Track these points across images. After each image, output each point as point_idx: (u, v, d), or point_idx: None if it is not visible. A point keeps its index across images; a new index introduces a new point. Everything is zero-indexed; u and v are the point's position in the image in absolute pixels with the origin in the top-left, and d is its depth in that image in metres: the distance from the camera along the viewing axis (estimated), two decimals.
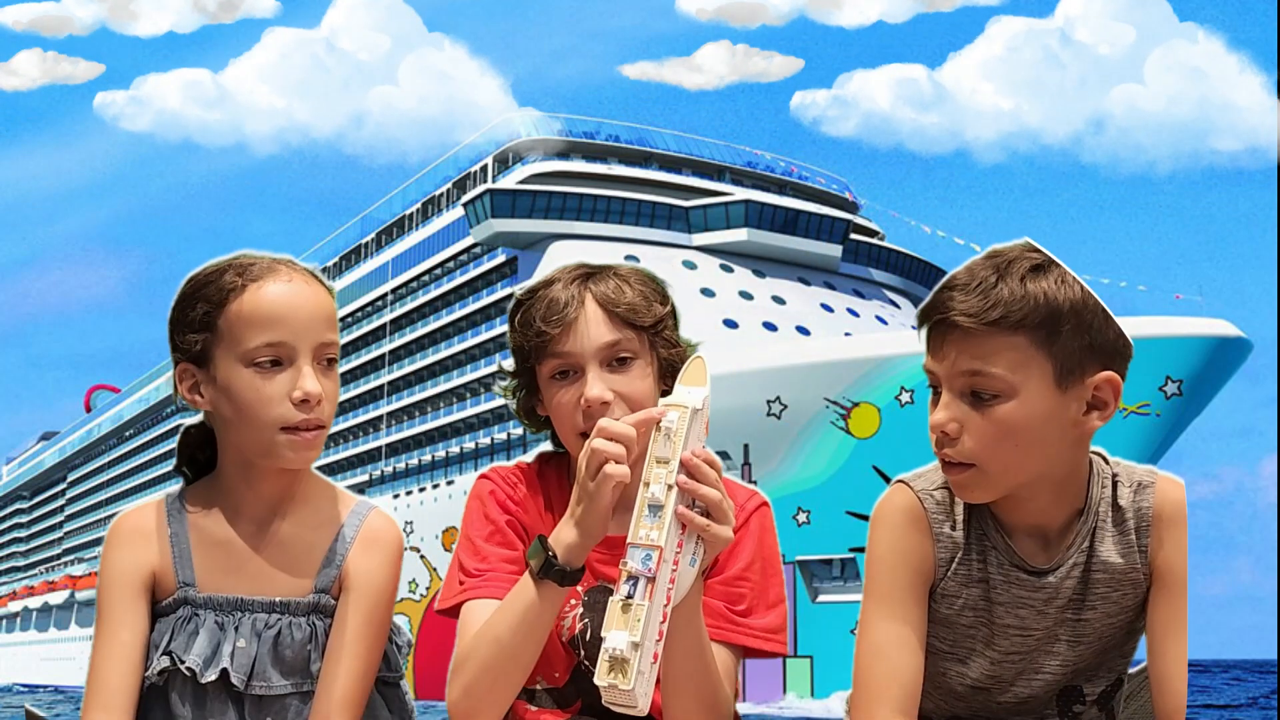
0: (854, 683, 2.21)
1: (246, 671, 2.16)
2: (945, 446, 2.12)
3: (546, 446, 2.48)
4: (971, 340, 2.06)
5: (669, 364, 2.32)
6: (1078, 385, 2.07)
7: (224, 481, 2.24)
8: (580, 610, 2.35)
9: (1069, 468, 2.16)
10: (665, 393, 2.30)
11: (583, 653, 2.33)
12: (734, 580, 2.27)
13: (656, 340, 2.31)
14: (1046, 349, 2.05)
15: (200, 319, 2.16)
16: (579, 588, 2.32)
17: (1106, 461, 2.23)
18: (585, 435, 2.20)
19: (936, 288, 2.14)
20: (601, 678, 1.94)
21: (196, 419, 2.30)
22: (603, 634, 1.95)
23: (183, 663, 2.14)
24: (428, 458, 53.99)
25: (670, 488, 1.97)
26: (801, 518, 35.33)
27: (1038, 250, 2.11)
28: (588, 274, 2.32)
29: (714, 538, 2.01)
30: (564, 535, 2.11)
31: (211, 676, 2.14)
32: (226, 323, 2.15)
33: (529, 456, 2.46)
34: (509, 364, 2.38)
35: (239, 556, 2.21)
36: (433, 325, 55.83)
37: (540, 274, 2.40)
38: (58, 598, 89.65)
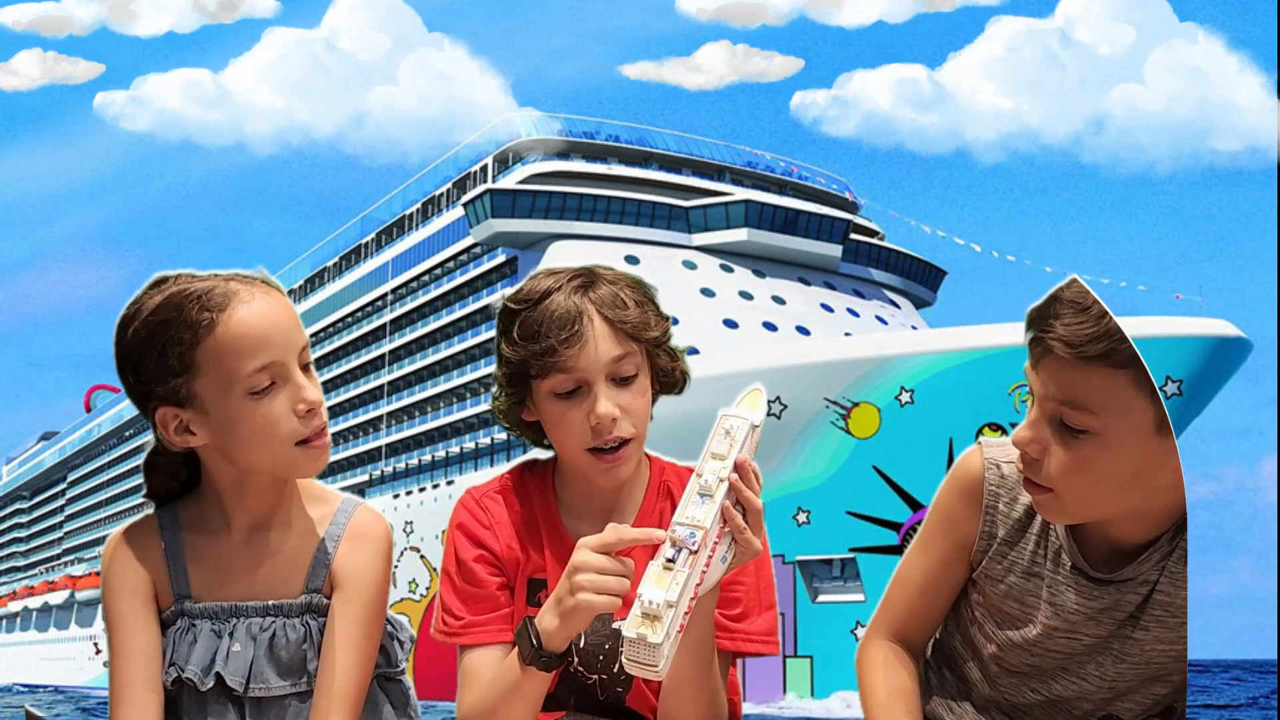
0: (879, 602, 2.30)
1: (244, 675, 2.19)
2: (1027, 467, 2.00)
3: (539, 454, 2.46)
4: (1066, 370, 1.89)
5: (667, 374, 2.34)
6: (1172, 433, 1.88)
7: (213, 496, 2.25)
8: None
9: (1167, 505, 2.01)
10: (654, 392, 2.36)
11: (575, 658, 2.34)
12: (729, 584, 2.26)
13: (656, 353, 2.31)
14: (1149, 392, 1.86)
15: (177, 362, 2.10)
16: None
17: None
18: (592, 451, 2.25)
19: (1051, 293, 1.95)
20: (631, 629, 1.99)
21: (150, 442, 2.27)
22: (639, 591, 2.00)
23: (183, 672, 2.18)
24: (428, 458, 53.98)
25: (722, 481, 2.06)
26: (801, 518, 35.33)
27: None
28: (585, 283, 2.27)
29: (746, 544, 2.06)
30: (547, 621, 2.12)
31: (209, 683, 2.18)
32: (207, 359, 2.10)
33: (510, 466, 2.47)
34: (495, 371, 2.35)
35: (231, 565, 2.23)
36: (433, 325, 55.80)
37: (526, 279, 2.36)
38: (58, 598, 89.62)
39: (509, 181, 50.20)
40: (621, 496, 2.37)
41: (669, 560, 2.01)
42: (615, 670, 2.35)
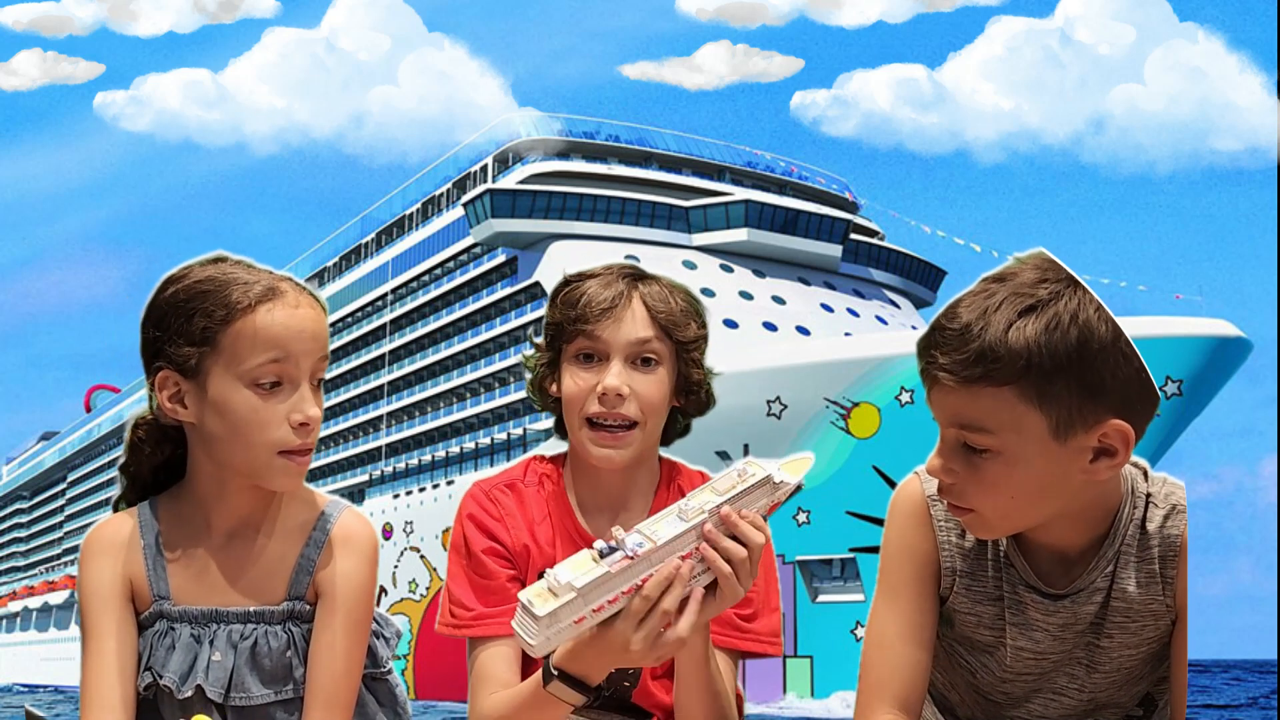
0: (859, 673, 2.17)
1: (224, 684, 2.15)
2: (945, 491, 2.04)
3: (544, 447, 2.47)
4: (955, 396, 1.93)
5: (691, 384, 2.37)
6: (1079, 436, 1.91)
7: (196, 491, 2.20)
8: None
9: (1086, 502, 2.04)
10: (677, 408, 2.39)
11: None
12: None
13: (685, 357, 2.36)
14: (1037, 403, 1.89)
15: (200, 333, 2.11)
16: None
17: (1146, 477, 2.11)
18: (592, 422, 2.30)
19: (931, 322, 2.01)
20: (525, 594, 1.94)
21: (138, 411, 2.26)
22: (555, 566, 1.96)
23: (160, 679, 2.14)
24: (428, 458, 53.97)
25: (703, 513, 1.98)
26: (801, 518, 35.33)
27: (1046, 275, 1.93)
28: (639, 275, 2.38)
29: (729, 589, 2.01)
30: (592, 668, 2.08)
31: (187, 693, 2.14)
32: (229, 340, 2.10)
33: (522, 460, 2.49)
34: (540, 340, 2.43)
35: (212, 567, 2.19)
36: (433, 325, 55.80)
37: (586, 265, 2.45)
38: (58, 598, 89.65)
39: (509, 181, 50.20)
40: (632, 492, 2.39)
41: (600, 554, 1.94)
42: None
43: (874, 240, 53.84)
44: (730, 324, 45.16)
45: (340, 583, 2.19)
